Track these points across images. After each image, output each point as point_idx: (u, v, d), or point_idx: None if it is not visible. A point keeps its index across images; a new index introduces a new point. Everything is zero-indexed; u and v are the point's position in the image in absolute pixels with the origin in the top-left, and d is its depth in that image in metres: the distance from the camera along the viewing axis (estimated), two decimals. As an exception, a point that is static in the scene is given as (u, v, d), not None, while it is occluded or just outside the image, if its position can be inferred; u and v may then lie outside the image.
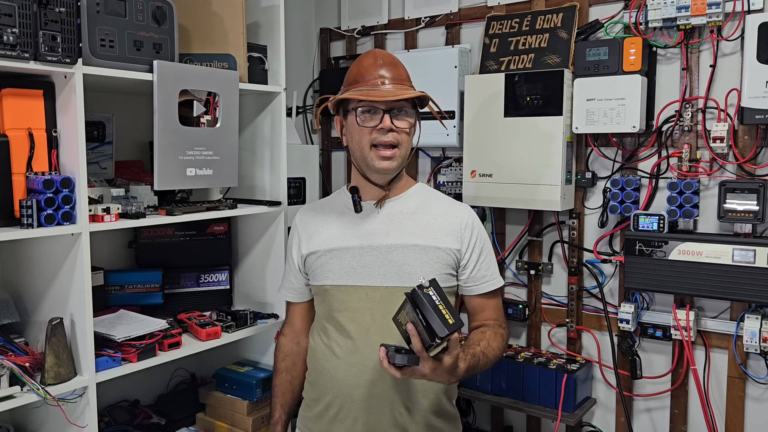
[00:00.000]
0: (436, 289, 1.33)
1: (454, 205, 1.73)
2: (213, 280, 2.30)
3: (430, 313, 1.30)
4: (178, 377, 2.40)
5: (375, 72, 1.59)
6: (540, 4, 2.42)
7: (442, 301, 1.31)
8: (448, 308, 1.31)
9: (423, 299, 1.31)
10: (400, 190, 1.69)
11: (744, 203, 1.98)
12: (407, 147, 1.61)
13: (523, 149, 2.28)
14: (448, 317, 1.30)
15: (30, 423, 1.87)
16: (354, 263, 1.62)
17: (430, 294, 1.32)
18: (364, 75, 1.60)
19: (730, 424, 2.14)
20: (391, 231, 1.63)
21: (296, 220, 1.77)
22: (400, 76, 1.61)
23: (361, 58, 1.64)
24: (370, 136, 1.57)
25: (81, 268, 1.67)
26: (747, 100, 1.95)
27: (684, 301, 2.18)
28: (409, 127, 1.59)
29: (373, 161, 1.58)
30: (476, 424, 2.65)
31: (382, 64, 1.60)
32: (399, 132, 1.57)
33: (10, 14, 1.49)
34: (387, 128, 1.55)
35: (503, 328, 1.68)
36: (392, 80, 1.59)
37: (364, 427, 1.59)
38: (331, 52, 3.03)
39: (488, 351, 1.57)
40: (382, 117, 1.55)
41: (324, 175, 3.06)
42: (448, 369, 1.36)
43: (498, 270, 1.73)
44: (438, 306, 1.30)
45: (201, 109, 1.94)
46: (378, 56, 1.62)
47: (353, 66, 1.65)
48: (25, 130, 1.62)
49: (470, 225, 1.67)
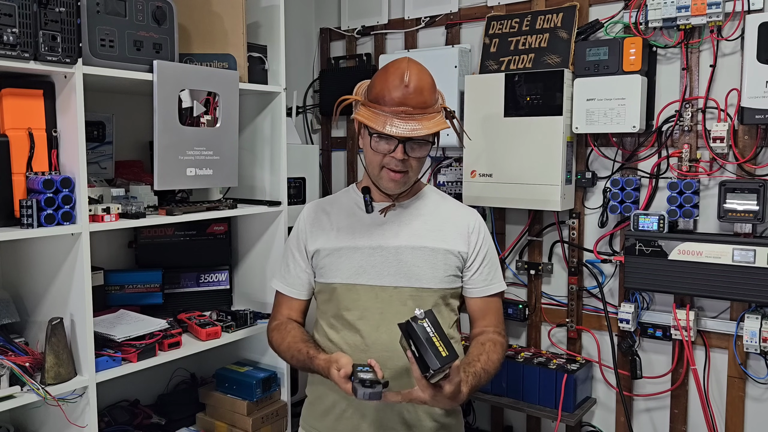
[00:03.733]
0: (431, 321, 1.32)
1: (462, 208, 1.75)
2: (213, 280, 2.30)
3: (423, 347, 1.30)
4: (178, 377, 2.40)
5: (399, 97, 1.50)
6: (540, 4, 2.42)
7: (437, 333, 1.31)
8: (442, 340, 1.31)
9: (417, 331, 1.31)
10: (411, 192, 1.70)
11: (744, 203, 1.98)
12: (418, 170, 1.61)
13: (523, 149, 2.28)
14: (442, 350, 1.29)
15: (30, 423, 1.87)
16: (363, 263, 1.63)
17: (424, 326, 1.31)
18: (385, 97, 1.51)
19: (730, 424, 2.14)
20: (401, 232, 1.64)
21: (303, 215, 1.76)
22: (425, 103, 1.52)
23: (389, 71, 1.54)
24: (382, 159, 1.56)
25: (81, 268, 1.67)
26: (747, 100, 1.95)
27: (684, 301, 2.18)
28: (423, 155, 1.59)
29: (381, 180, 1.60)
30: (476, 424, 2.65)
31: (407, 89, 1.49)
32: (411, 161, 1.57)
33: (10, 14, 1.49)
34: (399, 158, 1.54)
35: (502, 336, 1.69)
36: (416, 107, 1.50)
37: (371, 425, 1.59)
38: (331, 52, 3.03)
39: (489, 366, 1.57)
40: (396, 146, 1.53)
41: (324, 175, 3.06)
42: (450, 396, 1.37)
43: (501, 274, 1.74)
44: (432, 338, 1.30)
45: (201, 109, 1.94)
46: (405, 76, 1.50)
47: (380, 76, 1.55)
48: (25, 130, 1.62)
49: (477, 229, 1.69)
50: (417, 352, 1.31)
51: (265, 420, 2.18)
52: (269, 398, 2.22)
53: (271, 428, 2.20)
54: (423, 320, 1.32)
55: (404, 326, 1.34)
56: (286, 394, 2.25)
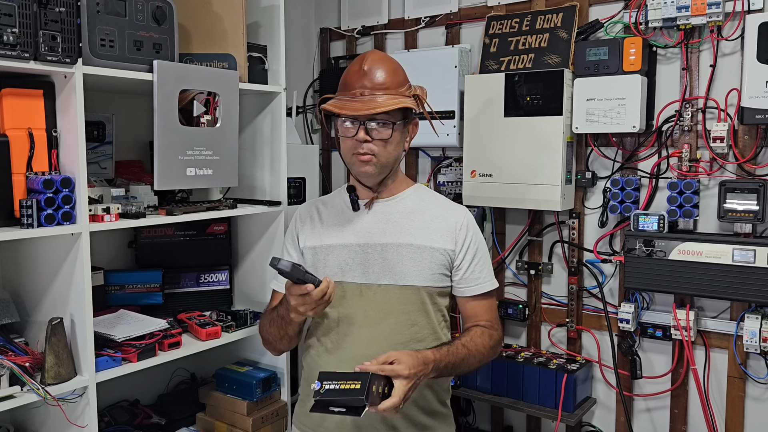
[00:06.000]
0: (327, 377, 1.37)
1: (450, 206, 1.74)
2: (213, 280, 2.30)
3: (342, 402, 1.33)
4: (178, 377, 2.40)
5: (358, 82, 1.58)
6: (540, 4, 2.42)
7: (339, 380, 1.35)
8: (347, 380, 1.34)
9: (329, 400, 1.34)
10: (396, 190, 1.71)
11: (744, 203, 1.98)
12: (387, 156, 1.60)
13: (523, 149, 2.28)
14: (354, 385, 1.33)
15: (30, 423, 1.87)
16: (349, 260, 1.64)
17: (329, 388, 1.35)
18: (347, 83, 1.60)
19: (730, 424, 2.14)
20: (387, 230, 1.65)
21: (298, 213, 1.78)
22: (384, 84, 1.57)
23: (353, 62, 1.63)
24: (351, 144, 1.59)
25: (81, 268, 1.67)
26: (747, 99, 1.95)
27: (684, 301, 2.18)
28: (387, 137, 1.58)
29: (354, 166, 1.62)
30: (476, 424, 2.65)
31: (365, 72, 1.57)
32: (375, 143, 1.58)
33: (10, 14, 1.49)
34: (361, 140, 1.56)
35: (496, 330, 1.69)
36: (375, 88, 1.56)
37: (354, 422, 1.60)
38: (331, 52, 3.03)
39: (470, 344, 1.59)
40: (358, 128, 1.56)
41: (324, 175, 3.06)
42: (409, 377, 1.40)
43: (493, 273, 1.73)
44: (340, 390, 1.34)
45: (201, 109, 1.94)
46: (365, 62, 1.59)
47: (346, 69, 1.65)
48: (25, 129, 1.62)
49: (465, 226, 1.68)
50: (343, 408, 1.34)
51: (265, 420, 2.18)
52: (269, 398, 2.22)
53: (271, 428, 2.20)
54: (321, 388, 1.36)
55: (317, 408, 1.37)
56: (286, 394, 2.25)
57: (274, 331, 1.68)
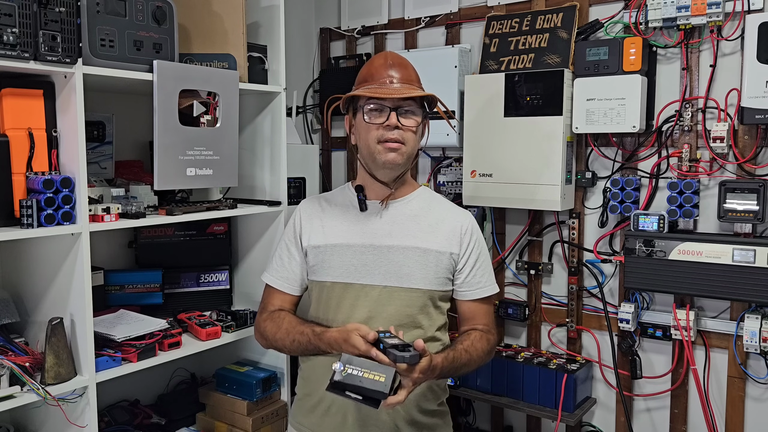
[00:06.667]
0: (348, 361, 1.36)
1: (455, 210, 1.75)
2: (213, 280, 2.30)
3: (364, 391, 1.33)
4: (178, 377, 2.40)
5: (385, 72, 1.62)
6: (540, 4, 2.42)
7: (364, 369, 1.34)
8: (373, 371, 1.34)
9: (346, 383, 1.34)
10: (404, 192, 1.71)
11: (744, 203, 1.98)
12: (413, 145, 1.64)
13: (523, 149, 2.28)
14: (378, 377, 1.33)
15: (30, 423, 1.87)
16: (355, 261, 1.64)
17: (350, 373, 1.34)
18: (374, 74, 1.63)
19: (730, 424, 2.14)
20: (393, 232, 1.65)
21: (299, 211, 1.77)
22: (409, 77, 1.65)
23: (373, 58, 1.69)
24: (377, 133, 1.60)
25: (81, 268, 1.68)
26: (747, 99, 1.95)
27: (684, 301, 2.18)
28: (415, 125, 1.62)
29: (380, 154, 1.61)
30: (476, 424, 2.65)
31: (391, 65, 1.63)
32: (405, 130, 1.60)
33: (10, 14, 1.49)
34: (393, 125, 1.58)
35: (492, 334, 1.70)
36: (401, 80, 1.62)
37: (355, 423, 1.60)
38: (331, 52, 3.03)
39: (471, 349, 1.61)
40: (389, 114, 1.58)
41: (324, 175, 3.06)
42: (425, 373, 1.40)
43: (494, 277, 1.74)
44: (363, 377, 1.33)
45: (201, 109, 1.94)
46: (388, 57, 1.66)
47: (364, 66, 1.69)
48: (25, 130, 1.62)
49: (470, 231, 1.69)
50: (360, 396, 1.34)
51: (265, 420, 2.18)
52: (269, 398, 2.22)
53: (271, 428, 2.20)
54: (344, 370, 1.35)
55: (332, 388, 1.36)
56: (286, 394, 2.25)
57: (295, 347, 1.64)
